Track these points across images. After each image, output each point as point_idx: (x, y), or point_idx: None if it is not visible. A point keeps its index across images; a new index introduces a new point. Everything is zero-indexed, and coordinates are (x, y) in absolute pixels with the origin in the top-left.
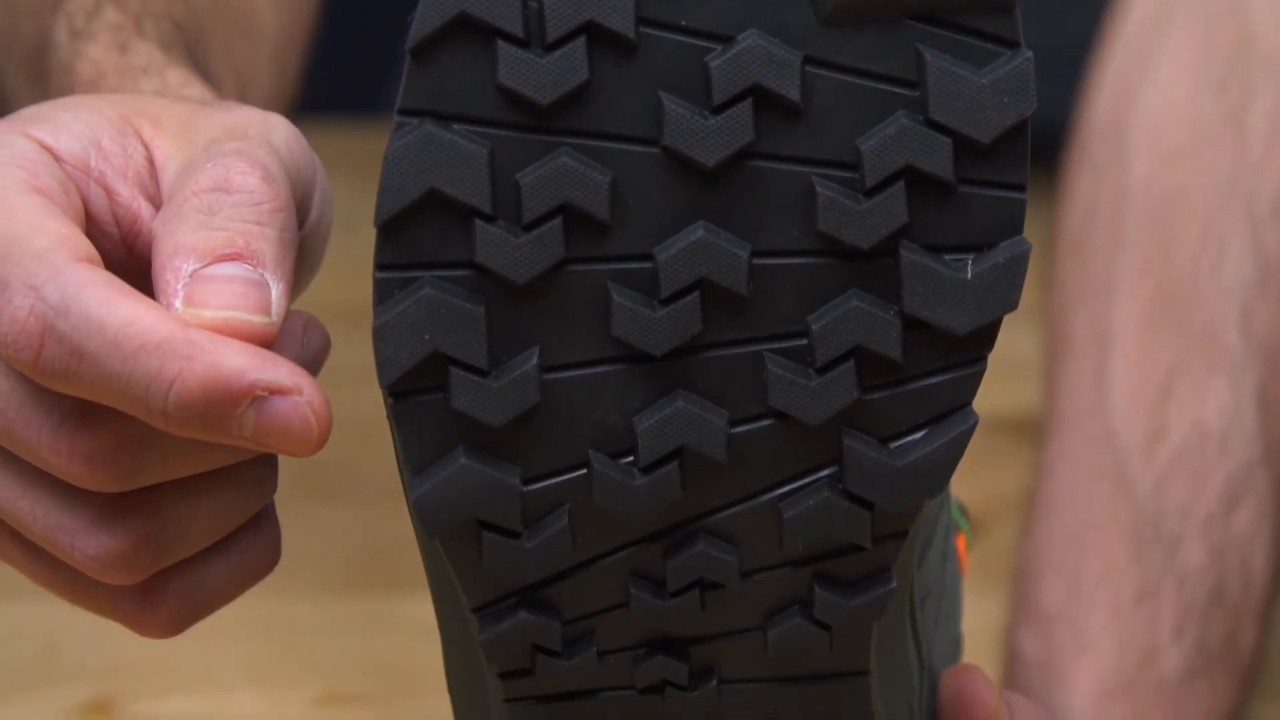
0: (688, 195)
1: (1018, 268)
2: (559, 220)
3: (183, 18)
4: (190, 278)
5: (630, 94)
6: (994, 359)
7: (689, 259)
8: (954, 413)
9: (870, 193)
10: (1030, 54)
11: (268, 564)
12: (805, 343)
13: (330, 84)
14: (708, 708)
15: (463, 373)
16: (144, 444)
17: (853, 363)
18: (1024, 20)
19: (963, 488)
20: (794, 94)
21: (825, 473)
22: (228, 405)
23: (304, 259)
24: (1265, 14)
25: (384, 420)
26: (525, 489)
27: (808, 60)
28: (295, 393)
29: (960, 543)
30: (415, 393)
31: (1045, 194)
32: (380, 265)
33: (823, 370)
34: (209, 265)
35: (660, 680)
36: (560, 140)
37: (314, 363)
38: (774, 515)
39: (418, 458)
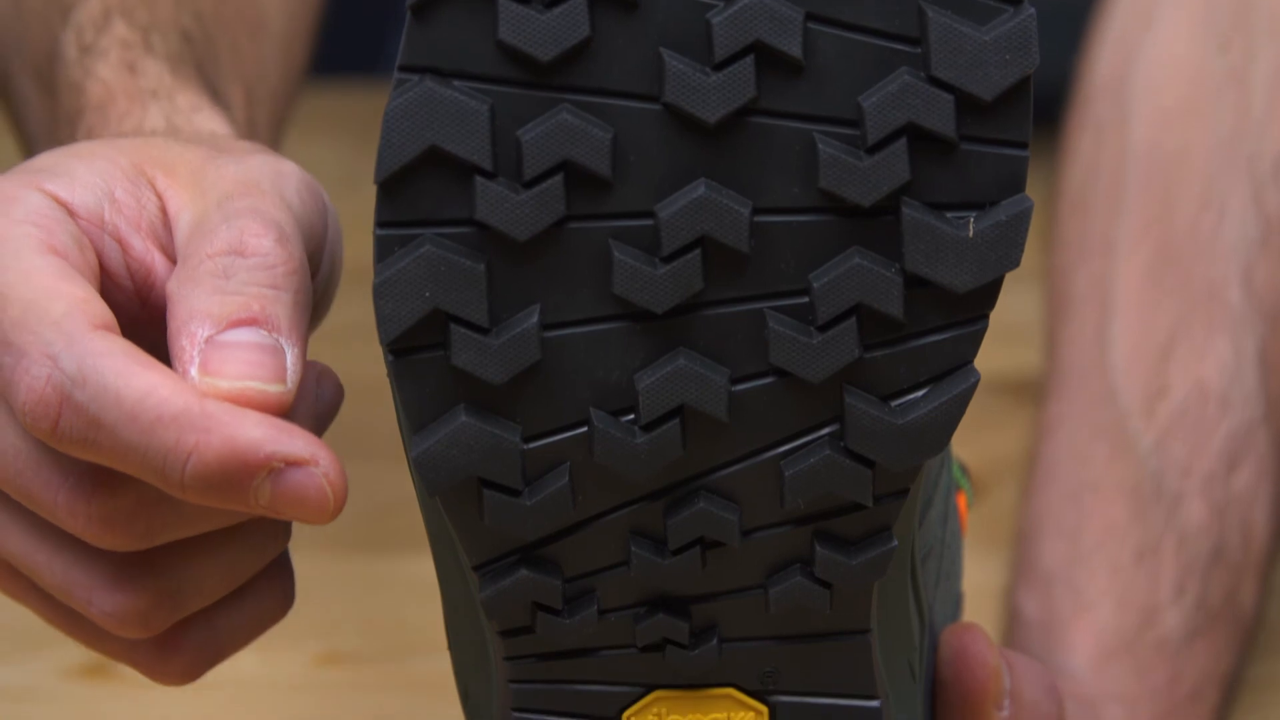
0: (689, 152)
1: (1020, 225)
2: (560, 177)
3: (190, 26)
4: (206, 344)
5: (631, 50)
6: (995, 321)
7: (690, 216)
8: (955, 371)
9: (872, 150)
10: (1033, 11)
11: (281, 610)
12: (806, 300)
13: (330, 44)
14: (708, 666)
15: (463, 330)
16: (160, 506)
17: (854, 320)
18: None
19: (963, 449)
20: (796, 50)
21: (826, 431)
22: (244, 477)
23: (316, 305)
24: None
25: (384, 379)
26: (526, 446)
27: (810, 17)
28: (312, 464)
29: (961, 501)
30: (415, 350)
31: (1046, 154)
32: (380, 223)
33: (824, 328)
34: (224, 331)
35: (661, 638)
36: (561, 97)
37: (328, 413)
38: (775, 473)
39: (418, 415)
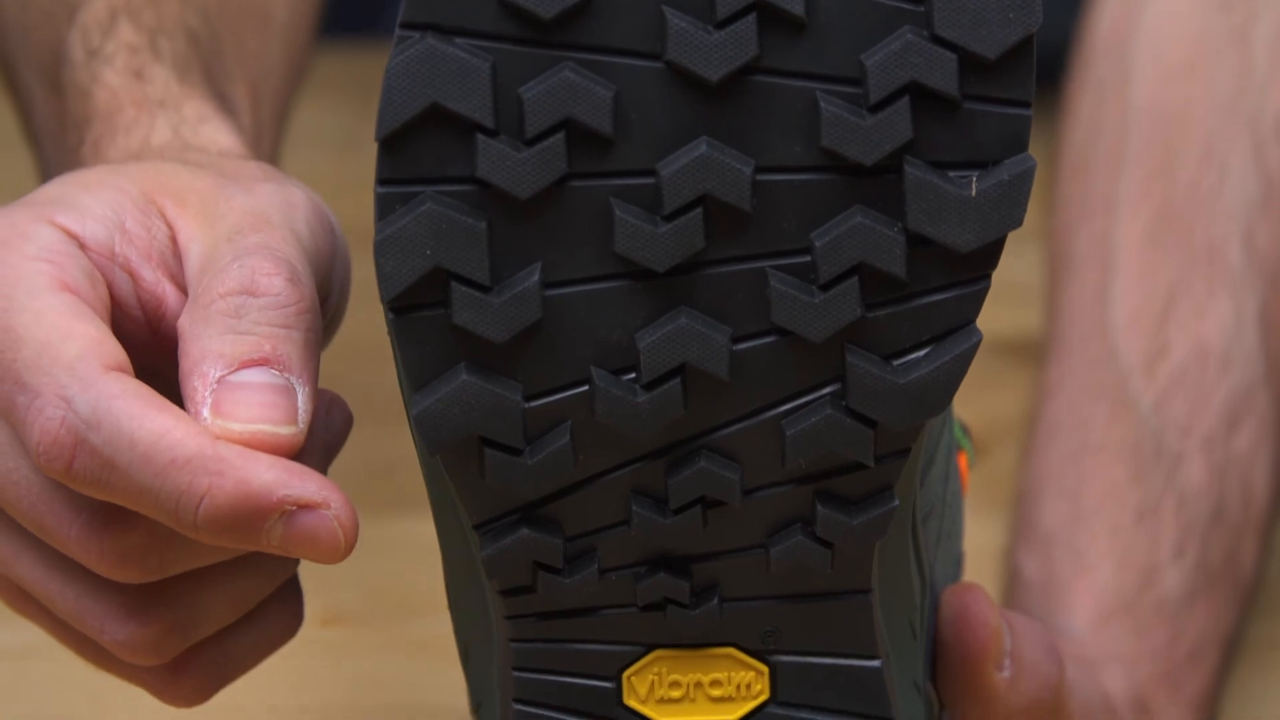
0: (691, 110)
1: (1022, 185)
2: (561, 135)
3: (196, 27)
4: (218, 384)
5: (633, 8)
6: (996, 282)
7: (692, 175)
8: (957, 330)
9: (875, 108)
10: None
11: (291, 631)
12: (808, 259)
13: (330, 5)
14: (709, 625)
15: (464, 288)
16: (172, 541)
17: (856, 280)
18: None
19: (964, 409)
20: (798, 9)
21: (828, 390)
22: (257, 520)
23: (325, 328)
24: None
25: (384, 340)
26: (527, 405)
27: None
28: (324, 507)
29: (962, 461)
30: (416, 308)
31: (1048, 114)
32: (381, 180)
33: (826, 287)
34: (236, 372)
35: (662, 598)
36: (563, 55)
37: (337, 441)
38: (776, 433)
39: (419, 373)
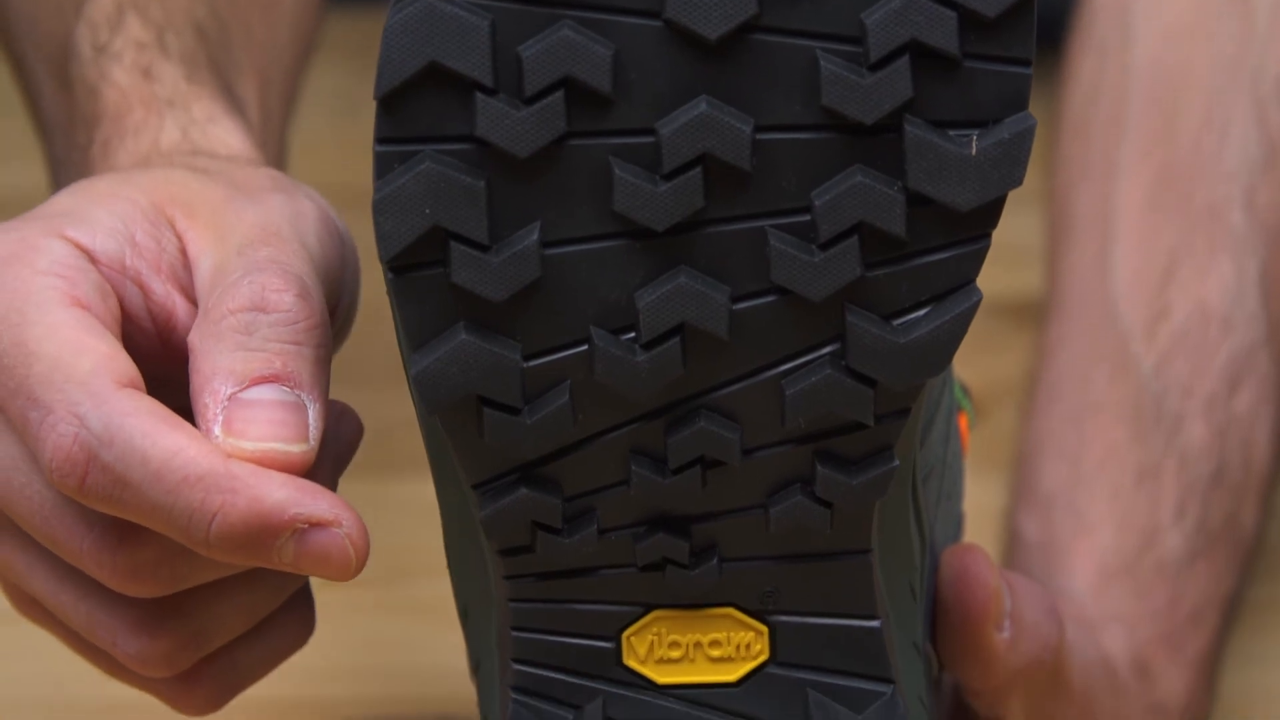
0: (690, 69)
1: (1023, 144)
2: (561, 94)
3: (204, 18)
4: (229, 401)
5: None
6: (996, 243)
7: (691, 133)
8: (957, 290)
9: (875, 67)
10: None
11: (302, 639)
12: (808, 218)
13: None
14: (708, 585)
15: (463, 247)
16: (185, 556)
17: (856, 239)
18: None
19: (964, 371)
20: None
21: (827, 349)
22: (269, 537)
23: (334, 337)
24: None
25: (383, 303)
26: (526, 364)
27: None
28: (335, 525)
29: (963, 422)
30: (415, 267)
31: (1048, 75)
32: (380, 139)
33: (825, 246)
34: (247, 389)
35: (661, 558)
36: (562, 13)
37: (348, 453)
38: (776, 392)
39: (418, 333)
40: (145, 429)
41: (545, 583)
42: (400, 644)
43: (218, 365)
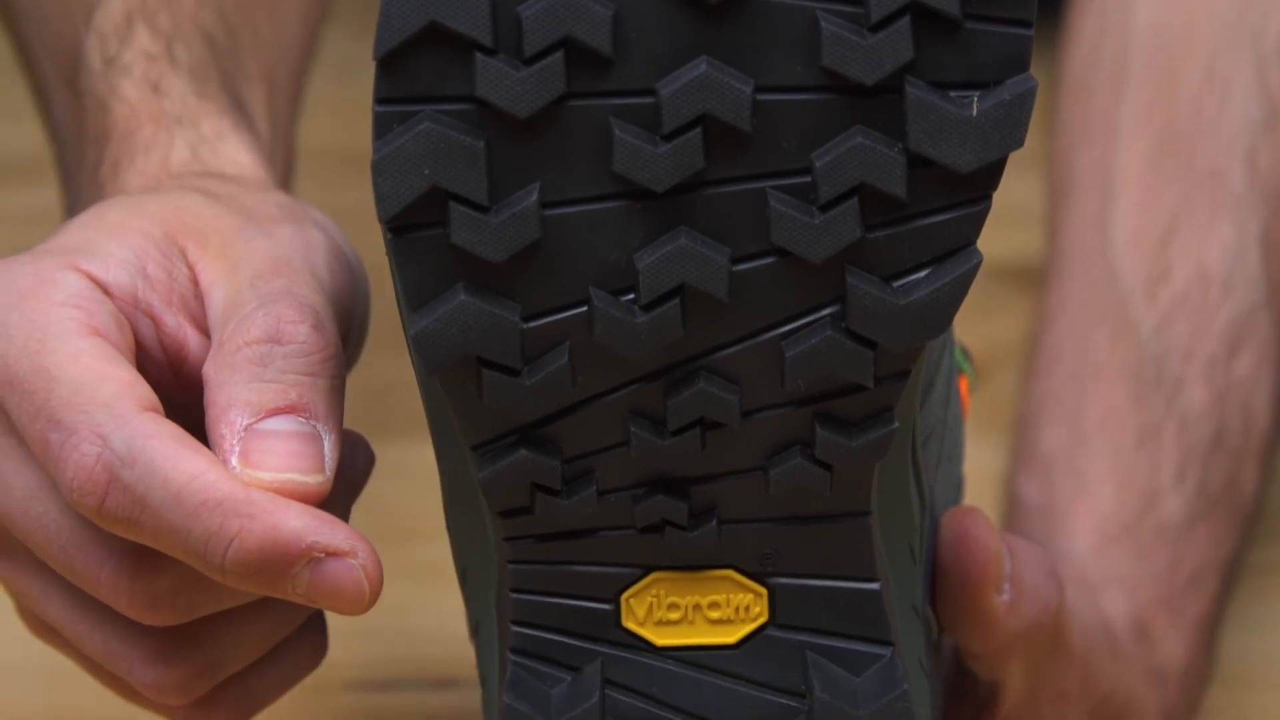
0: (691, 30)
1: (1023, 105)
2: (560, 54)
3: (211, 23)
4: (245, 432)
5: None
6: (997, 205)
7: (692, 94)
8: (957, 252)
9: (876, 27)
10: None
11: (315, 662)
12: (808, 180)
13: None
14: (707, 547)
15: (462, 208)
16: (201, 584)
17: (856, 200)
18: None
19: (965, 335)
20: None
21: (827, 311)
22: (284, 565)
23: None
24: None
25: (382, 265)
26: (525, 325)
27: None
28: (350, 555)
29: (963, 385)
30: (415, 228)
31: (1049, 37)
32: (379, 99)
33: (826, 207)
34: (263, 420)
35: (660, 520)
36: None
37: (361, 481)
38: (775, 354)
39: (417, 294)
40: (167, 452)
41: (544, 544)
42: (400, 607)
43: (234, 397)
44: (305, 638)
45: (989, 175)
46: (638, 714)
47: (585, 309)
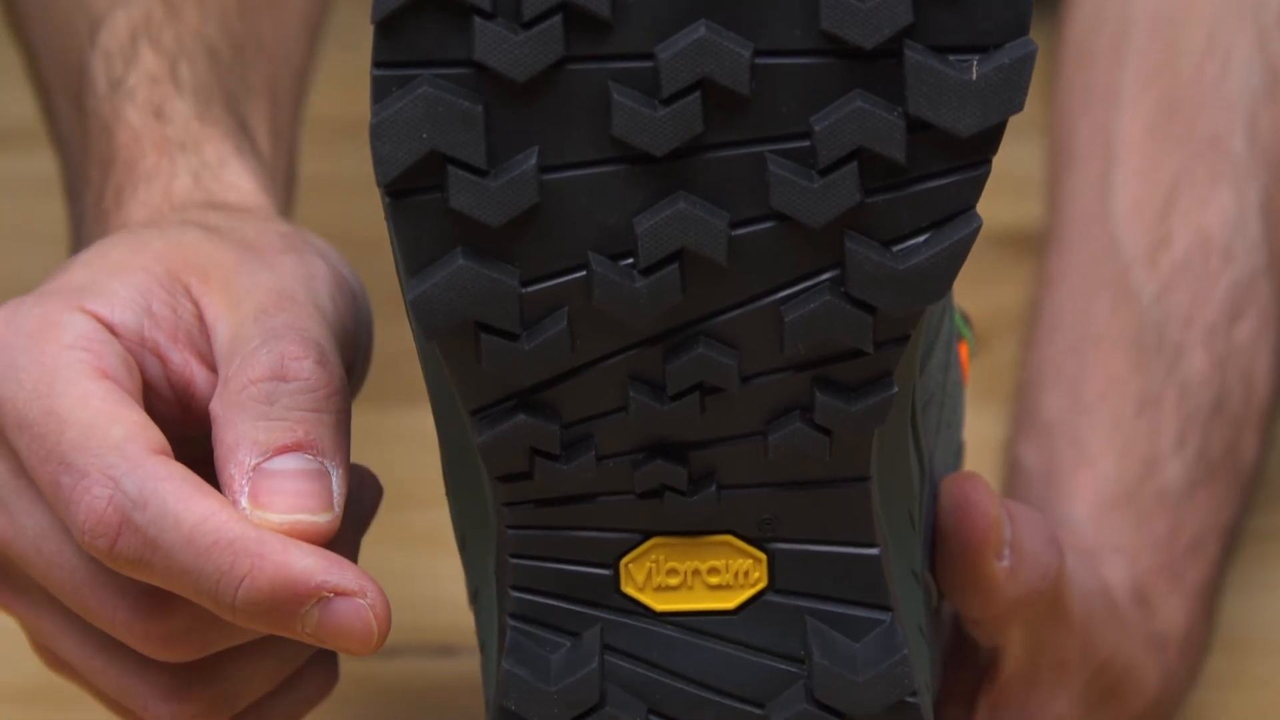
0: None
1: (1023, 69)
2: (559, 17)
3: (214, 37)
4: (253, 472)
5: None
6: (997, 173)
7: (690, 58)
8: (957, 216)
9: None
10: None
11: (326, 690)
12: (808, 144)
13: None
14: (706, 513)
15: (461, 172)
16: (213, 623)
17: (855, 164)
18: None
19: (965, 302)
20: None
21: (827, 276)
22: (294, 605)
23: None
24: None
25: (380, 233)
26: (524, 290)
27: None
28: (359, 596)
29: (963, 351)
30: (413, 192)
31: (1050, 4)
32: (377, 63)
33: (825, 172)
34: (270, 459)
35: (659, 485)
36: None
37: (369, 515)
38: (775, 318)
39: (415, 258)
40: (178, 493)
41: (543, 510)
42: (400, 574)
43: (241, 436)
44: (316, 668)
45: (989, 139)
46: (637, 679)
47: (584, 274)
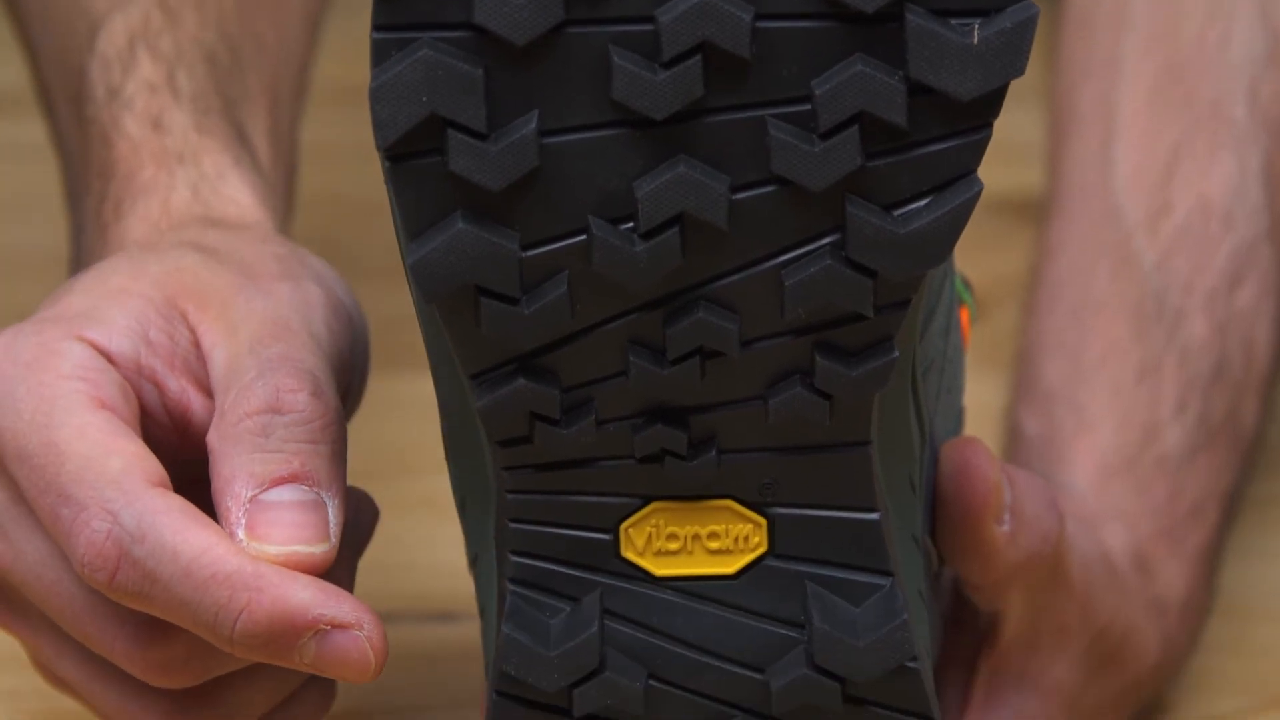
0: None
1: (1024, 33)
2: None
3: (213, 42)
4: (250, 504)
5: None
6: (998, 140)
7: (691, 21)
8: (958, 180)
9: None
10: None
11: (325, 707)
12: (809, 108)
13: None
14: (707, 477)
15: (460, 135)
16: (212, 650)
17: (856, 128)
18: None
19: (966, 269)
20: None
21: (827, 240)
22: (291, 637)
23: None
24: None
25: (380, 199)
26: (524, 254)
27: None
28: (356, 627)
29: (964, 316)
30: (412, 156)
31: None
32: (377, 26)
33: (826, 136)
34: (267, 490)
35: (659, 449)
36: None
37: (366, 538)
38: (775, 283)
39: (415, 222)
40: (176, 526)
41: (543, 474)
42: (398, 540)
43: (237, 468)
44: (314, 687)
45: (990, 103)
46: (636, 644)
47: (584, 237)
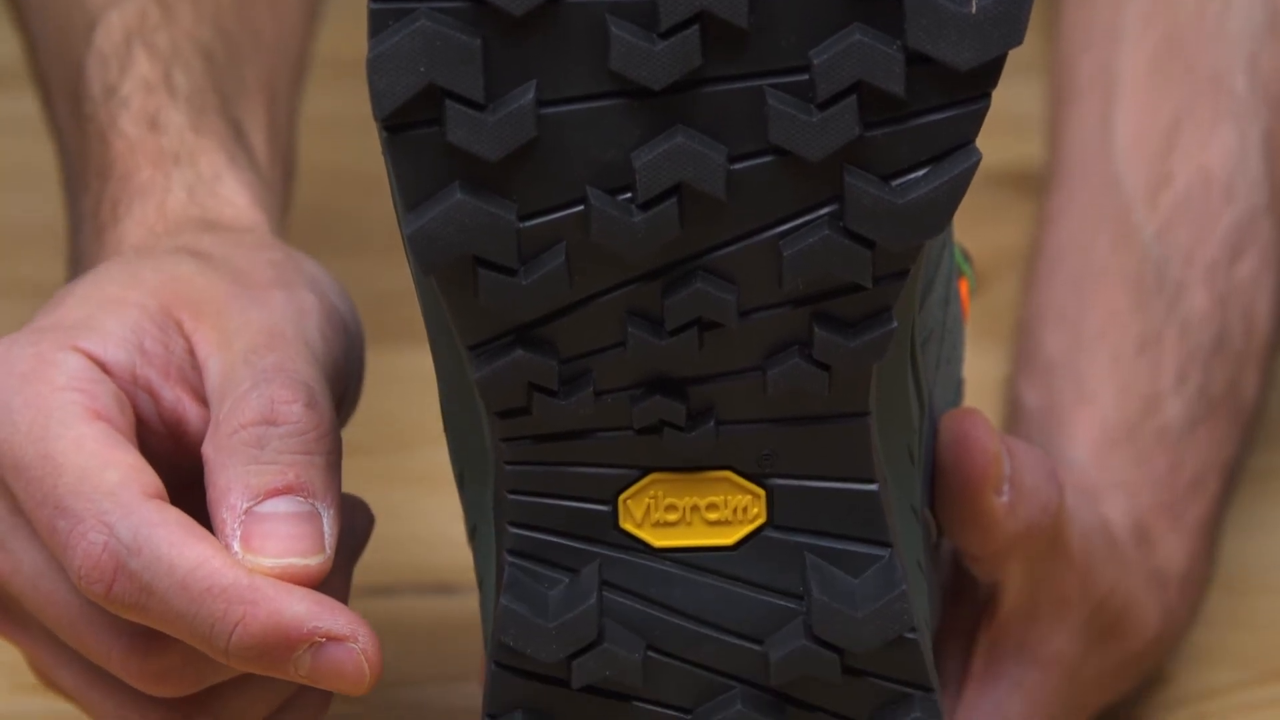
0: None
1: (1022, 2)
2: None
3: (209, 39)
4: (245, 516)
5: None
6: (997, 111)
7: None
8: (956, 150)
9: None
10: None
11: (321, 712)
12: (807, 78)
13: None
14: (705, 448)
15: (458, 106)
16: (208, 661)
17: (854, 98)
18: None
19: (965, 241)
20: None
21: (825, 210)
22: (287, 649)
23: (340, 417)
24: None
25: (377, 171)
26: (521, 225)
27: None
28: (351, 640)
29: (963, 287)
30: (410, 126)
31: None
32: None
33: (824, 106)
34: (262, 502)
35: (657, 420)
36: None
37: (361, 545)
38: (773, 253)
39: (413, 192)
40: (172, 539)
41: (541, 445)
42: (396, 513)
43: (232, 480)
44: (309, 694)
45: (988, 73)
46: (635, 615)
47: (582, 208)
